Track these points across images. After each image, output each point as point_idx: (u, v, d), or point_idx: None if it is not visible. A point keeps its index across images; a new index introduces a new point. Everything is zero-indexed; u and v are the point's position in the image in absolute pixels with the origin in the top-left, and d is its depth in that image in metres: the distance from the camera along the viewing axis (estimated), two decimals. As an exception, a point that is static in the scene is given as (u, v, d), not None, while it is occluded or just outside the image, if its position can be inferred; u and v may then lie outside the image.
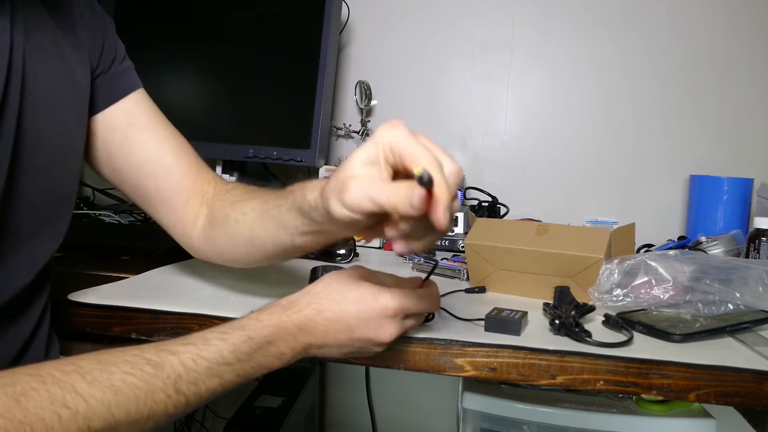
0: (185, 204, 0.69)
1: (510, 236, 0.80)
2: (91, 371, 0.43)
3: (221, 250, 0.69)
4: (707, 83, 1.36)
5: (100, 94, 0.65)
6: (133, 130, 0.66)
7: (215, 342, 0.49)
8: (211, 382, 0.48)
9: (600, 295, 0.71)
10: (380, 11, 1.46)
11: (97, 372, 0.43)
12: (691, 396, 0.58)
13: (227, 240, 0.67)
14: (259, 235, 0.63)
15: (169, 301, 0.69)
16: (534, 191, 1.43)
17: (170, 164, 0.68)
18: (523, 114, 1.44)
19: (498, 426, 0.97)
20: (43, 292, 0.59)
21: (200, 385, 0.47)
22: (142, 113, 0.68)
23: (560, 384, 0.60)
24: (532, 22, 1.42)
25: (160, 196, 0.68)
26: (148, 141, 0.67)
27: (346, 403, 1.56)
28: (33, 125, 0.53)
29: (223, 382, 0.49)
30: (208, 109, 1.29)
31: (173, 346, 0.48)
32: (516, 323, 0.63)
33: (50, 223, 0.59)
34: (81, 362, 0.43)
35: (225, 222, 0.66)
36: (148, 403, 0.44)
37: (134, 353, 0.46)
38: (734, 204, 1.20)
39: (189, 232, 0.70)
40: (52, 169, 0.57)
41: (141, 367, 0.45)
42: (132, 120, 0.66)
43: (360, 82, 1.37)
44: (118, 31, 0.69)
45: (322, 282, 0.55)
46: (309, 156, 1.20)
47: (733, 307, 0.70)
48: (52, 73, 0.56)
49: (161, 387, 0.45)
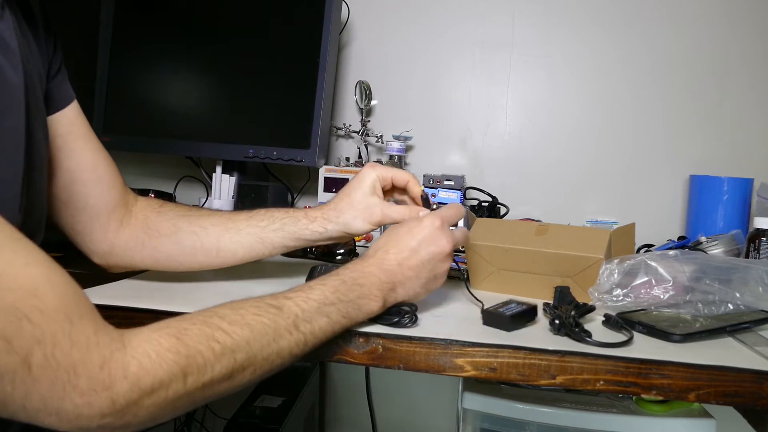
0: (111, 212, 0.73)
1: (510, 236, 0.80)
2: (227, 314, 0.50)
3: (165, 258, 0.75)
4: (707, 83, 1.36)
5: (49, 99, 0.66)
6: (72, 137, 0.69)
7: (318, 287, 0.58)
8: (321, 321, 0.56)
9: (600, 295, 0.71)
10: (380, 11, 1.46)
11: (232, 315, 0.50)
12: (691, 396, 0.58)
13: (178, 249, 0.74)
14: (227, 248, 0.74)
15: (169, 301, 0.69)
16: (534, 191, 1.43)
17: (102, 173, 0.72)
18: (523, 114, 1.44)
19: (498, 426, 0.97)
20: None
21: (314, 324, 0.55)
22: (82, 123, 0.70)
23: (560, 384, 0.60)
24: (532, 22, 1.42)
25: (86, 202, 0.71)
26: (85, 149, 0.70)
27: (346, 403, 1.56)
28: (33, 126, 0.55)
29: (331, 321, 0.57)
30: (208, 109, 1.29)
31: (286, 294, 0.56)
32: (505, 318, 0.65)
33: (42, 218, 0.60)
34: (217, 309, 0.51)
35: (176, 233, 0.74)
36: (276, 339, 0.51)
37: (257, 300, 0.53)
38: (734, 204, 1.20)
39: (111, 238, 0.74)
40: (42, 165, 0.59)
41: (266, 309, 0.52)
42: (72, 128, 0.69)
43: (360, 82, 1.37)
44: (119, 31, 0.69)
45: (380, 238, 0.67)
46: (309, 156, 1.20)
47: (733, 307, 0.70)
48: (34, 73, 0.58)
49: (284, 325, 0.52)
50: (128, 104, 1.30)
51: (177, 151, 1.32)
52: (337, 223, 0.73)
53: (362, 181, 0.73)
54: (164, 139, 1.29)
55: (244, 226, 0.74)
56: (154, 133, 1.29)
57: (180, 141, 1.28)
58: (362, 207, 0.72)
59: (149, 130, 1.30)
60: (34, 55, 0.60)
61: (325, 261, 1.01)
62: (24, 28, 0.59)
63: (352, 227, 0.73)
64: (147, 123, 1.30)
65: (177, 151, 1.32)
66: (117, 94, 1.29)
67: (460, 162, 1.45)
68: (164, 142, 1.29)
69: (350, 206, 0.73)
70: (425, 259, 0.64)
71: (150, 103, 1.30)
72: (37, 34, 0.62)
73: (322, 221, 0.73)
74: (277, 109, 1.24)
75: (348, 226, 0.73)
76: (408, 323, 0.63)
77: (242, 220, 0.75)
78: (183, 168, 1.49)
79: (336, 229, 0.73)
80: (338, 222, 0.73)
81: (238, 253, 0.74)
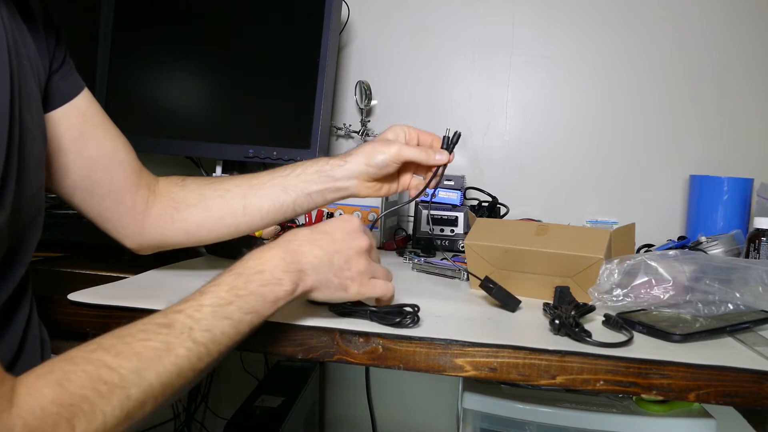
0: (135, 194, 0.73)
1: (510, 236, 0.80)
2: (113, 345, 0.46)
3: (195, 228, 0.75)
4: (707, 83, 1.36)
5: (56, 92, 0.65)
6: (87, 126, 0.68)
7: (211, 289, 0.53)
8: (222, 325, 0.51)
9: (600, 295, 0.71)
10: (380, 11, 1.46)
11: (118, 345, 0.46)
12: (691, 396, 0.58)
13: (206, 215, 0.74)
14: (253, 203, 0.74)
15: (169, 301, 0.69)
16: (534, 191, 1.43)
17: (123, 159, 0.72)
18: (523, 114, 1.44)
19: (498, 426, 0.97)
20: (28, 287, 0.59)
21: (214, 330, 0.50)
22: (95, 111, 0.70)
23: (560, 384, 0.60)
24: (532, 22, 1.42)
25: (110, 188, 0.71)
26: (102, 137, 0.70)
27: (346, 403, 1.56)
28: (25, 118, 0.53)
29: (234, 322, 0.52)
30: (208, 109, 1.29)
31: (177, 306, 0.51)
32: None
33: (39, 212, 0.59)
34: (101, 341, 0.46)
35: (201, 201, 0.75)
36: (171, 359, 0.47)
37: (144, 322, 0.49)
38: (734, 204, 1.20)
39: (140, 219, 0.74)
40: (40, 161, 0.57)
41: (155, 331, 0.48)
42: (86, 117, 0.68)
43: (360, 82, 1.37)
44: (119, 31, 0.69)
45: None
46: (309, 156, 1.20)
47: (733, 307, 0.70)
48: (29, 68, 0.57)
49: (178, 342, 0.48)
50: (128, 104, 1.30)
51: (177, 151, 1.32)
52: (357, 154, 0.74)
53: (387, 131, 0.78)
54: (164, 139, 1.29)
55: (267, 179, 0.75)
56: (154, 133, 1.29)
57: (180, 141, 1.28)
58: (382, 143, 0.75)
59: (149, 130, 1.29)
60: (30, 49, 0.59)
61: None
62: (18, 20, 0.58)
63: (373, 159, 0.73)
64: (147, 123, 1.30)
65: (177, 151, 1.32)
66: (117, 94, 1.29)
67: (460, 162, 1.45)
68: (164, 142, 1.29)
69: (371, 144, 0.75)
70: (338, 240, 0.62)
71: (150, 103, 1.30)
72: (35, 28, 0.61)
73: (343, 155, 0.75)
74: (277, 109, 1.24)
75: (369, 157, 0.73)
76: (410, 324, 0.63)
77: (266, 175, 0.76)
78: (183, 168, 1.49)
79: (357, 161, 0.73)
80: (359, 153, 0.74)
81: (263, 207, 0.74)
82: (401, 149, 0.73)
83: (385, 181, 0.77)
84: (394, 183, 0.79)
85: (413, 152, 0.74)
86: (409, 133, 0.77)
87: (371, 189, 0.76)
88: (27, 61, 0.57)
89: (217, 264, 0.78)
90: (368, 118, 1.42)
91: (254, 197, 0.74)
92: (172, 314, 0.50)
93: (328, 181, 0.74)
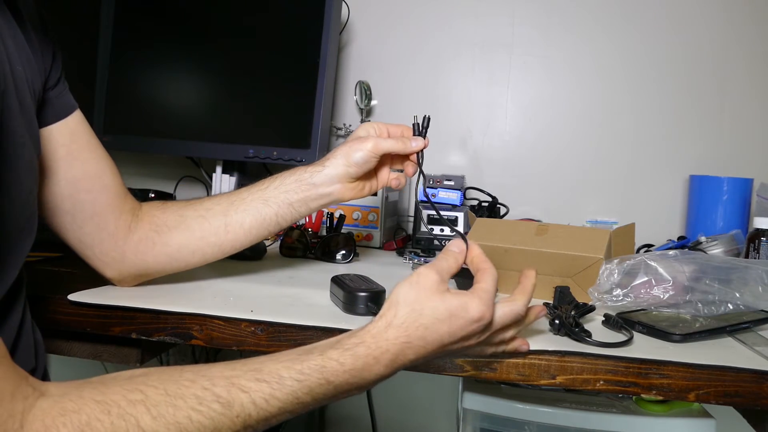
0: (118, 218, 0.72)
1: (510, 236, 0.80)
2: (157, 404, 0.42)
3: (177, 251, 0.73)
4: (707, 83, 1.36)
5: (50, 108, 0.65)
6: (76, 147, 0.68)
7: (290, 383, 0.47)
8: (281, 417, 0.47)
9: (600, 295, 0.71)
10: (380, 11, 1.46)
11: (163, 406, 0.42)
12: (691, 396, 0.58)
13: (187, 236, 0.73)
14: (234, 220, 0.73)
15: (169, 301, 0.69)
16: (534, 191, 1.43)
17: (108, 182, 0.71)
18: (523, 114, 1.44)
19: (498, 426, 0.97)
20: (21, 290, 0.59)
21: (271, 420, 0.47)
22: (84, 132, 0.69)
23: (560, 384, 0.60)
24: (532, 22, 1.42)
25: (93, 211, 0.70)
26: (89, 158, 0.69)
27: (346, 403, 1.56)
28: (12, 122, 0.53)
29: (293, 414, 0.48)
30: (208, 109, 1.29)
31: (245, 381, 0.46)
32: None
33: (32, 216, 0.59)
34: (149, 391, 0.43)
35: (182, 222, 0.73)
36: None
37: (204, 386, 0.44)
38: (734, 204, 1.20)
39: (121, 245, 0.72)
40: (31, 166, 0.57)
41: (209, 404, 0.43)
42: (75, 138, 0.68)
43: (360, 82, 1.37)
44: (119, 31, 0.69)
45: (403, 307, 0.51)
46: (309, 156, 1.20)
47: (732, 307, 0.70)
48: (23, 75, 0.56)
49: (229, 425, 0.44)
50: (128, 104, 1.30)
51: (177, 151, 1.32)
52: (335, 157, 0.73)
53: (357, 130, 0.76)
54: (164, 139, 1.29)
55: (246, 195, 0.75)
56: (154, 133, 1.29)
57: (180, 141, 1.28)
58: (357, 141, 0.73)
59: (149, 130, 1.29)
60: (24, 56, 0.59)
61: (326, 261, 1.01)
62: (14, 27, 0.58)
63: (351, 158, 0.72)
64: (147, 123, 1.30)
65: (177, 151, 1.32)
66: (117, 93, 1.29)
67: (460, 162, 1.45)
68: (164, 142, 1.29)
69: (346, 145, 0.74)
70: (451, 351, 0.54)
71: (150, 103, 1.30)
72: (30, 38, 0.61)
73: (321, 161, 0.74)
74: (277, 109, 1.24)
75: (347, 157, 0.72)
76: None
77: (245, 191, 0.75)
78: (183, 168, 1.49)
79: (336, 163, 0.73)
80: (336, 156, 0.73)
81: (245, 223, 0.73)
82: (378, 142, 0.72)
83: (366, 179, 0.76)
84: (373, 180, 0.77)
85: (390, 144, 0.73)
86: (379, 128, 0.75)
87: (354, 190, 0.75)
88: (21, 66, 0.57)
89: (216, 264, 0.78)
90: (368, 118, 1.42)
91: (235, 213, 0.73)
92: (236, 391, 0.45)
93: (309, 189, 0.73)
